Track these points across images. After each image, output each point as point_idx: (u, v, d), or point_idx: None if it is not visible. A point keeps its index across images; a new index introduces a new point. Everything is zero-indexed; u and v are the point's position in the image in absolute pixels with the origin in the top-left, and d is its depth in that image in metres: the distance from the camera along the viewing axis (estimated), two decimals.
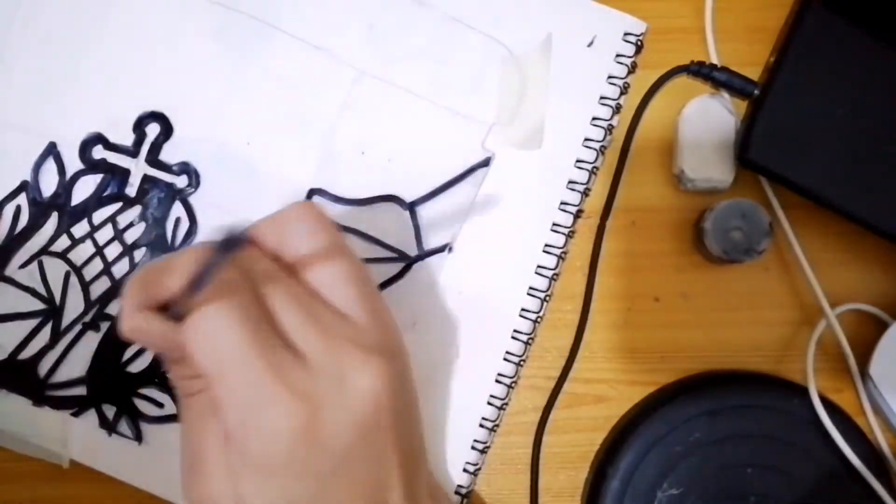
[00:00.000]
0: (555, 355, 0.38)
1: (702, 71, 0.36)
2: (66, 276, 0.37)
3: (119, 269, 0.37)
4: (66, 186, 0.37)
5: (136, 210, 0.37)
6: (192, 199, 0.37)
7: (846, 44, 0.34)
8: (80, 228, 0.37)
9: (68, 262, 0.37)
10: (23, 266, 0.37)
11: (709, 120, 0.37)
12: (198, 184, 0.37)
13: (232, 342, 0.24)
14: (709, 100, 0.37)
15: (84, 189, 0.37)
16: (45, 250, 0.37)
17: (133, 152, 0.37)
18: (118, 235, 0.37)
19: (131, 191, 0.37)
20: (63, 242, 0.37)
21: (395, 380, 0.27)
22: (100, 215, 0.37)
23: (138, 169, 0.37)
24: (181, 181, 0.37)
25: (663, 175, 0.38)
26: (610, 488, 0.36)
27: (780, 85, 0.34)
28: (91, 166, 0.37)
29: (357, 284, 0.28)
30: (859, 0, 0.34)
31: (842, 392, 0.37)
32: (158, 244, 0.37)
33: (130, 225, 0.37)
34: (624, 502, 0.36)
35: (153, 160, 0.37)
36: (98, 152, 0.38)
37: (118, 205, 0.37)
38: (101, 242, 0.37)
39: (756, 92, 0.35)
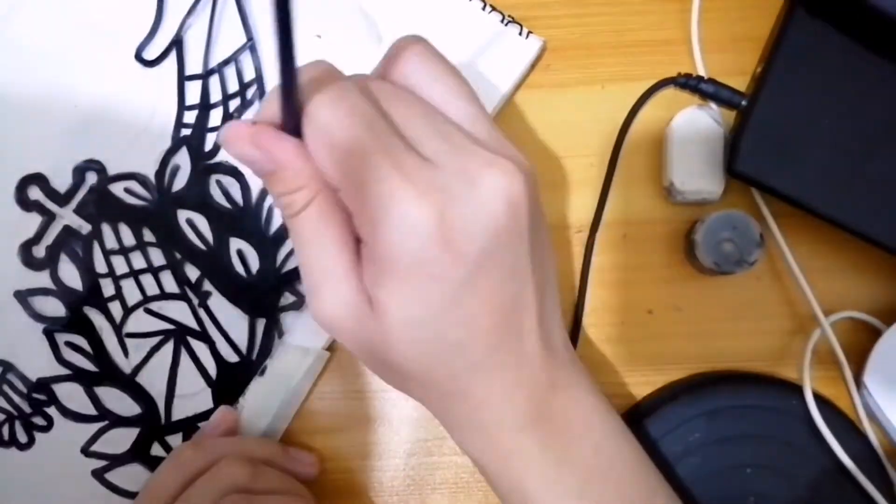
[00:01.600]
0: None
1: (689, 83, 0.36)
2: None
3: None
4: None
5: None
6: None
7: (832, 52, 0.34)
8: None
9: None
10: None
11: (697, 131, 0.37)
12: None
13: (351, 133, 0.23)
14: (697, 111, 0.37)
15: None
16: None
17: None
18: None
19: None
20: None
21: (528, 185, 0.25)
22: None
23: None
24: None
25: (653, 188, 0.38)
26: None
27: (768, 95, 0.34)
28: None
29: (474, 102, 0.27)
30: (845, 9, 0.33)
31: (837, 400, 0.37)
32: None
33: None
34: None
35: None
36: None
37: None
38: None
39: (744, 103, 0.35)
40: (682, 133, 0.37)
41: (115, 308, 0.38)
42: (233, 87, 0.38)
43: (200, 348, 0.38)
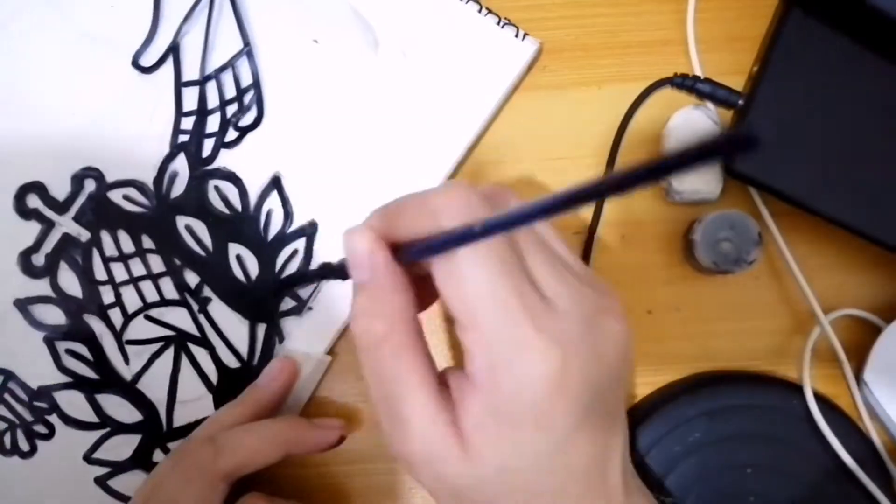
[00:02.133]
0: None
1: (685, 83, 0.36)
2: None
3: None
4: None
5: None
6: None
7: (828, 51, 0.34)
8: None
9: None
10: None
11: (694, 131, 0.37)
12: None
13: (490, 284, 0.23)
14: (693, 111, 0.37)
15: None
16: None
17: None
18: None
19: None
20: None
21: (631, 335, 0.26)
22: None
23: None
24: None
25: (651, 188, 0.38)
26: None
27: (764, 94, 0.34)
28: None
29: (566, 244, 0.27)
30: (840, 7, 0.33)
31: (838, 397, 0.37)
32: None
33: None
34: None
35: None
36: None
37: None
38: None
39: (740, 102, 0.35)
40: (680, 133, 0.37)
41: (115, 315, 0.38)
42: (230, 92, 0.38)
43: (201, 354, 0.38)
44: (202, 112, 0.38)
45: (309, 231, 0.38)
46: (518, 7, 0.39)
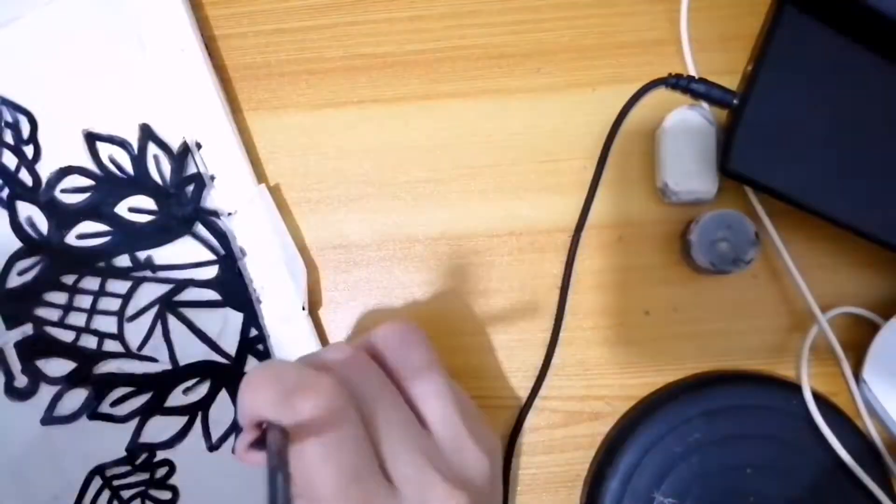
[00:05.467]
0: (524, 375, 0.38)
1: (679, 83, 0.36)
2: None
3: None
4: None
5: None
6: None
7: (823, 49, 0.34)
8: None
9: None
10: None
11: (689, 131, 0.37)
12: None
13: (332, 477, 0.25)
14: (688, 111, 0.37)
15: None
16: None
17: None
18: None
19: None
20: None
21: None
22: None
23: None
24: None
25: (647, 189, 0.38)
26: (609, 488, 0.36)
27: (759, 93, 0.34)
28: None
29: (449, 403, 0.29)
30: (834, 5, 0.33)
31: (837, 396, 0.37)
32: None
33: None
34: (623, 502, 0.36)
35: None
36: None
37: None
38: None
39: (735, 101, 0.35)
40: (675, 133, 0.37)
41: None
42: None
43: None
44: None
45: None
46: (510, 9, 0.39)
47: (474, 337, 0.38)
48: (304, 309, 0.37)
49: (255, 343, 0.38)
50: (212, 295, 0.38)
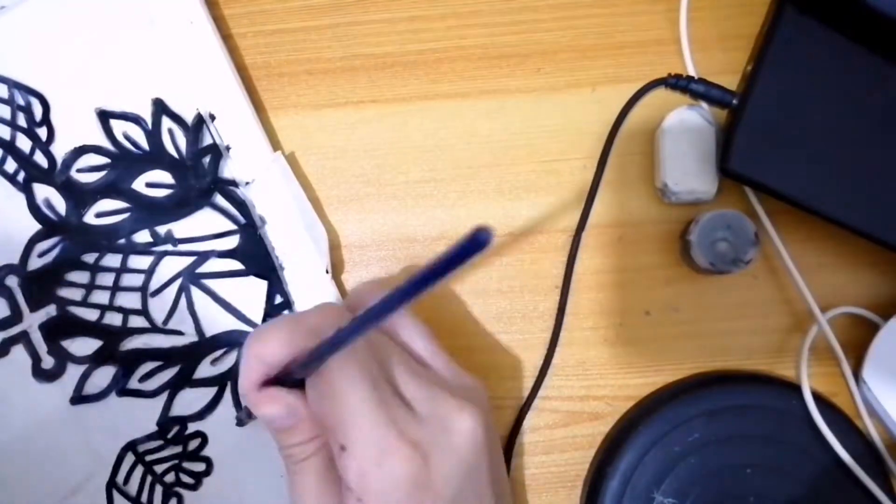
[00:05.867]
0: (524, 375, 0.38)
1: (679, 83, 0.36)
2: None
3: None
4: None
5: None
6: None
7: (822, 49, 0.34)
8: None
9: None
10: None
11: (689, 131, 0.37)
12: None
13: (358, 398, 0.26)
14: (688, 111, 0.37)
15: None
16: None
17: None
18: None
19: None
20: None
21: (486, 422, 0.29)
22: None
23: None
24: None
25: (647, 189, 0.38)
26: (609, 488, 0.36)
27: (759, 93, 0.34)
28: None
29: (432, 341, 0.31)
30: (834, 4, 0.33)
31: (837, 396, 0.37)
32: None
33: None
34: (623, 502, 0.36)
35: None
36: None
37: None
38: None
39: (734, 102, 0.35)
40: (674, 133, 0.37)
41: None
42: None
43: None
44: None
45: None
46: (510, 9, 0.39)
47: (474, 337, 0.38)
48: (327, 272, 0.37)
49: (280, 310, 0.38)
50: (234, 265, 0.38)
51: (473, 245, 0.16)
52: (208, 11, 0.38)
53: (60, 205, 0.38)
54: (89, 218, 0.38)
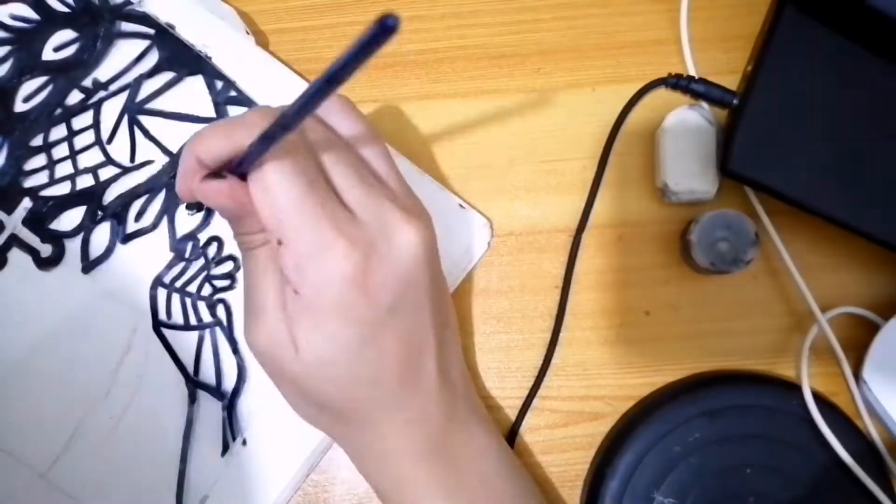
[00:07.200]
0: (524, 375, 0.38)
1: (679, 83, 0.36)
2: None
3: None
4: None
5: None
6: None
7: (823, 49, 0.34)
8: None
9: None
10: None
11: (689, 131, 0.37)
12: None
13: (293, 194, 0.26)
14: (688, 111, 0.37)
15: None
16: None
17: None
18: None
19: None
20: None
21: (430, 241, 0.29)
22: None
23: None
24: None
25: (647, 189, 0.38)
26: (609, 488, 0.36)
27: (759, 93, 0.34)
28: None
29: (390, 162, 0.30)
30: (834, 4, 0.33)
31: (837, 395, 0.37)
32: None
33: None
34: (623, 502, 0.36)
35: None
36: None
37: None
38: None
39: (735, 102, 0.35)
40: (675, 133, 0.37)
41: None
42: None
43: None
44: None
45: None
46: (510, 9, 0.39)
47: (474, 337, 0.38)
48: (248, 34, 0.38)
49: (226, 95, 0.38)
50: (166, 76, 0.39)
51: (382, 30, 0.17)
52: None
53: None
54: (19, 106, 0.39)
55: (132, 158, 0.38)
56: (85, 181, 0.38)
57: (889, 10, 0.32)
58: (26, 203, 0.38)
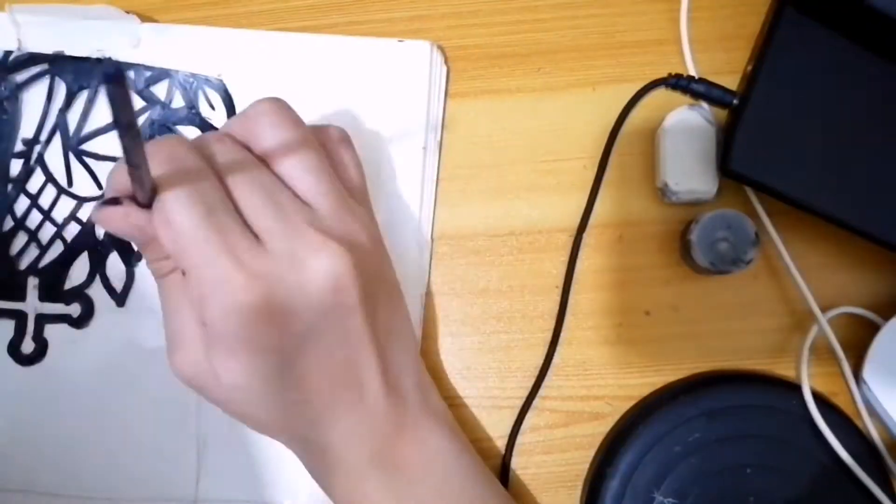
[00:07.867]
0: (524, 375, 0.38)
1: (679, 83, 0.36)
2: None
3: None
4: None
5: None
6: None
7: (823, 49, 0.34)
8: None
9: None
10: None
11: (689, 131, 0.37)
12: None
13: (190, 223, 0.25)
14: (688, 111, 0.37)
15: None
16: None
17: None
18: None
19: None
20: None
21: (356, 263, 0.28)
22: None
23: None
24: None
25: (647, 189, 0.38)
26: (609, 488, 0.36)
27: (759, 93, 0.34)
28: None
29: (320, 175, 0.29)
30: (834, 4, 0.33)
31: (837, 396, 0.37)
32: None
33: None
34: (623, 502, 0.36)
35: None
36: None
37: None
38: None
39: (735, 101, 0.35)
40: (675, 133, 0.37)
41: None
42: None
43: None
44: None
45: None
46: (510, 9, 0.39)
47: (474, 337, 0.38)
48: (128, 14, 0.38)
49: (143, 79, 0.38)
50: (83, 96, 0.38)
51: (106, 80, 0.18)
52: None
53: None
54: None
55: (98, 186, 0.38)
56: (71, 230, 0.38)
57: (889, 10, 0.32)
58: (33, 282, 0.38)
